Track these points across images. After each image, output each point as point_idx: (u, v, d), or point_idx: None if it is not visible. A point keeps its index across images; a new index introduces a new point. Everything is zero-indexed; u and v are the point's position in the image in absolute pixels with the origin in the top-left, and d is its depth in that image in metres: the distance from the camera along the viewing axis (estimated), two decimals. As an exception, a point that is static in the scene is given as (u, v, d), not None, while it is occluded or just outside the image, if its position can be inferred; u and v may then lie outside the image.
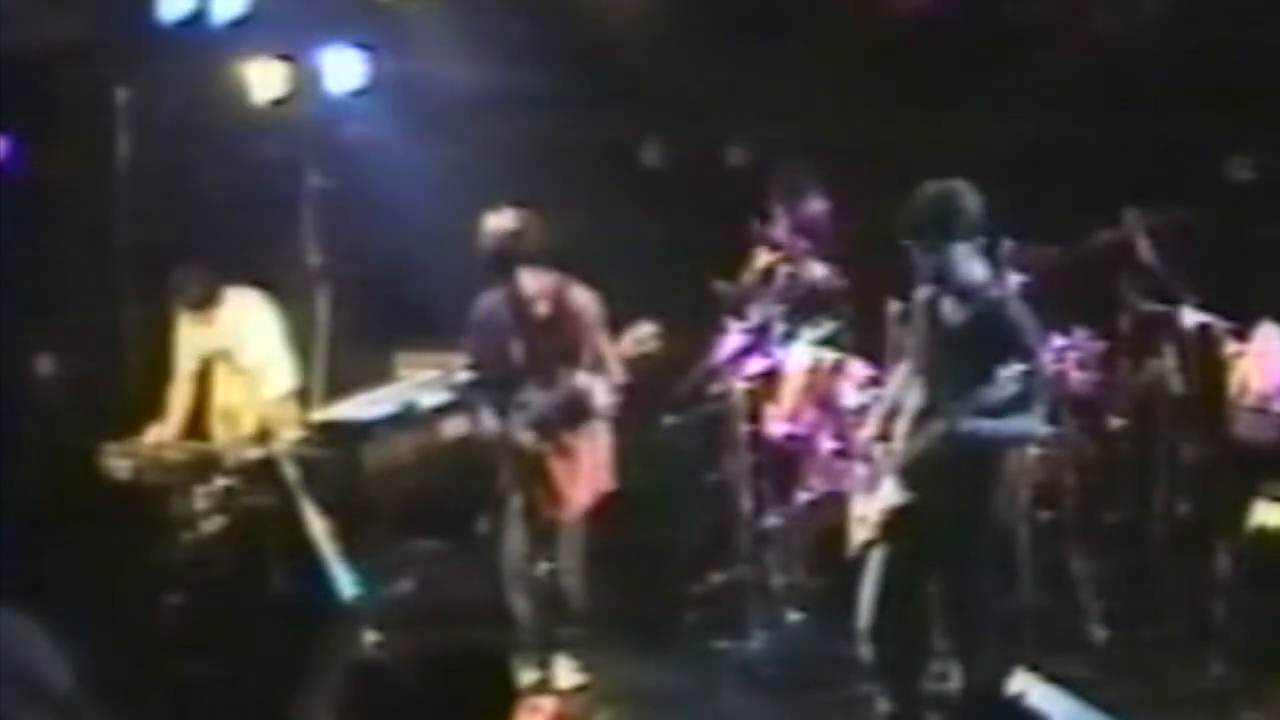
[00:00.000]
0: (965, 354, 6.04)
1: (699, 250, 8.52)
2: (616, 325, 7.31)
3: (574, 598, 7.44)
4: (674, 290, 7.94)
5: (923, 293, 6.24)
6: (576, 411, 7.25)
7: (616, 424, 7.45)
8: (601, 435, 7.40)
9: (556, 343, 7.27)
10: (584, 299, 7.32)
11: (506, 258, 7.19)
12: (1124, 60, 8.63)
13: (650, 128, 9.71)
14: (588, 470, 7.36)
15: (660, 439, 8.18)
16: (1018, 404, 5.96)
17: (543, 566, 7.38)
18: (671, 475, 8.50)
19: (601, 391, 7.23)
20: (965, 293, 6.14)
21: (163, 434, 8.07)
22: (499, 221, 7.19)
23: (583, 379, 7.20)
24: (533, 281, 7.26)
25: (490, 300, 7.42)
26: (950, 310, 6.18)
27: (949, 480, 6.04)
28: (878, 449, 6.32)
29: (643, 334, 7.22)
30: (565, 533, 7.39)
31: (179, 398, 8.18)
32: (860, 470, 6.41)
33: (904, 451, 6.17)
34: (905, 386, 6.33)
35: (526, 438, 7.25)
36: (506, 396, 7.31)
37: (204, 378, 8.21)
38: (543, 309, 7.32)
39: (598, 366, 7.24)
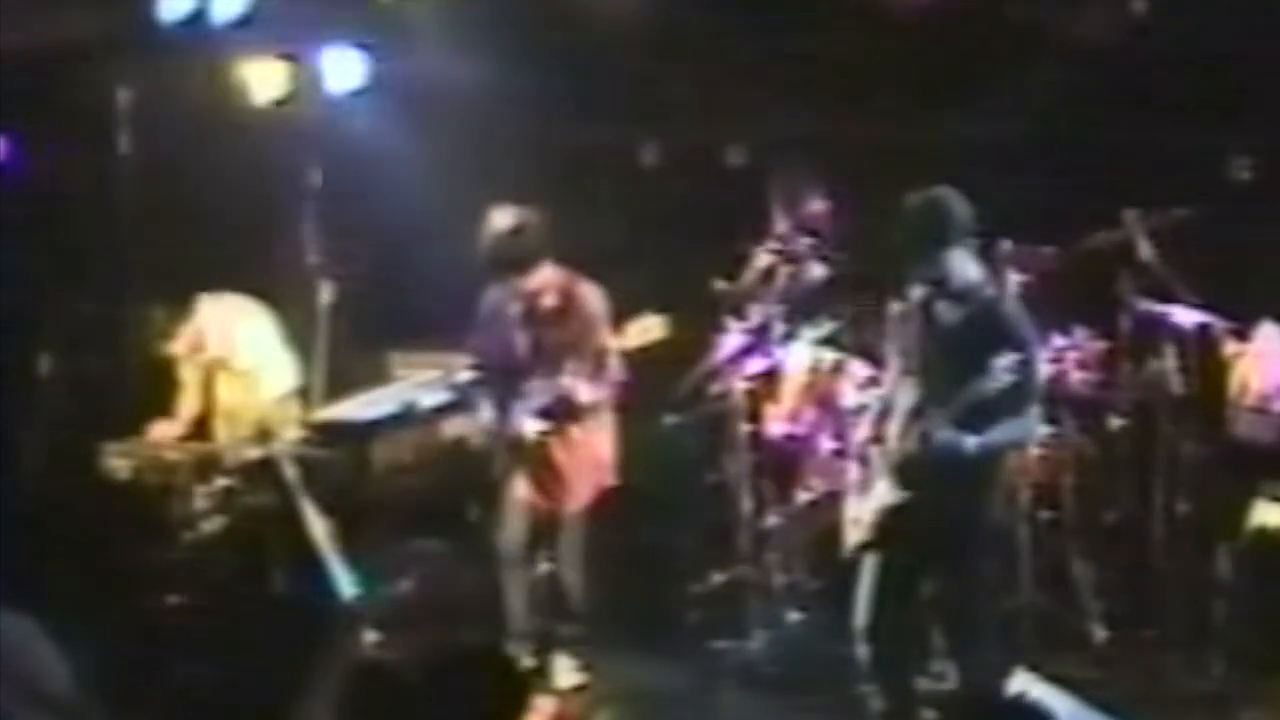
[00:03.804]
0: (961, 353, 6.05)
1: (699, 250, 8.52)
2: (617, 325, 7.31)
3: (574, 595, 7.44)
4: (674, 290, 7.93)
5: (917, 294, 6.25)
6: (572, 406, 7.26)
7: (620, 420, 7.45)
8: (603, 430, 7.41)
9: (562, 337, 7.28)
10: (591, 294, 7.33)
11: (507, 257, 7.20)
12: (1124, 60, 8.63)
13: (650, 128, 9.71)
14: (589, 464, 7.36)
15: (661, 438, 8.19)
16: (1011, 402, 5.97)
17: (543, 566, 7.39)
18: (671, 475, 8.50)
19: (593, 388, 7.24)
20: (961, 294, 6.16)
21: (169, 432, 8.05)
22: (500, 220, 7.19)
23: (573, 374, 7.21)
24: (539, 276, 7.26)
25: (497, 294, 7.43)
26: (945, 311, 6.19)
27: (942, 479, 6.04)
28: (872, 450, 6.33)
29: (648, 324, 7.21)
30: (566, 529, 7.39)
31: (186, 401, 8.16)
32: (854, 471, 6.42)
33: (897, 451, 6.18)
34: (898, 387, 6.34)
35: (528, 428, 7.26)
36: (510, 390, 7.31)
37: (206, 383, 8.19)
38: (550, 302, 7.33)
39: (600, 362, 7.25)
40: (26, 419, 8.65)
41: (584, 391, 7.22)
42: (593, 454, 7.38)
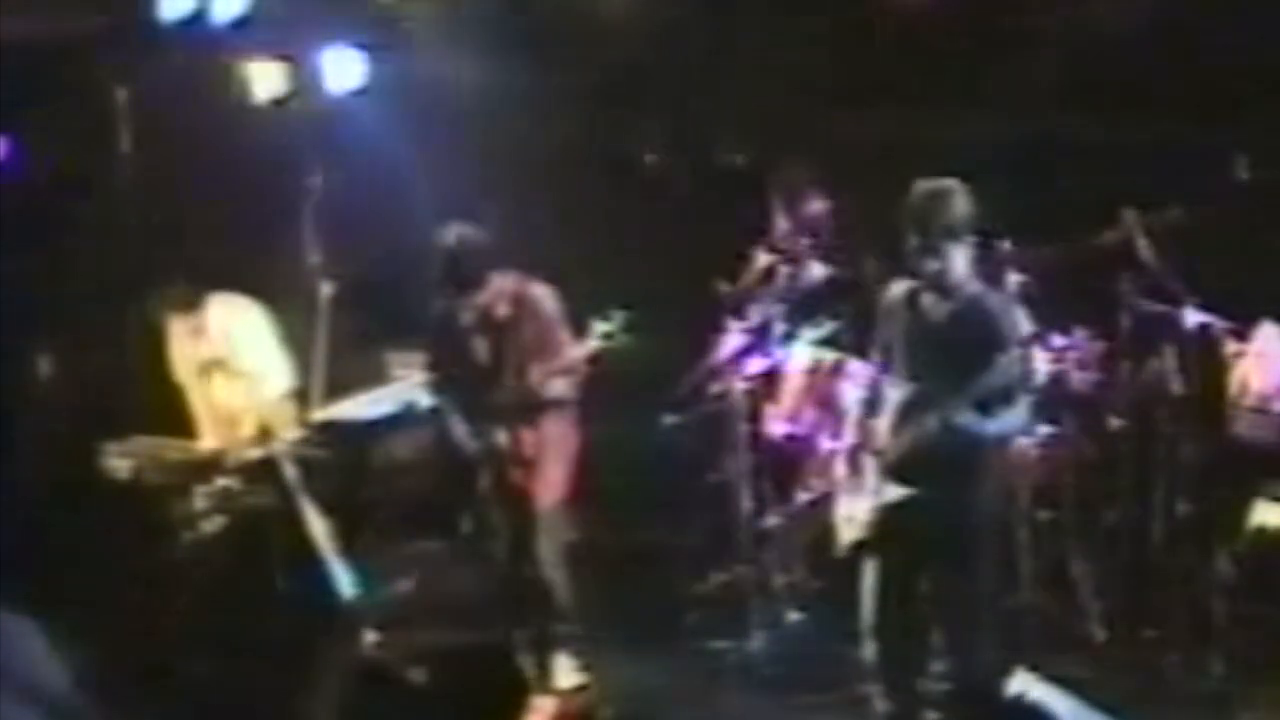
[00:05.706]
0: (949, 348, 6.06)
1: (699, 250, 8.52)
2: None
3: (559, 592, 7.45)
4: (674, 290, 7.93)
5: (900, 287, 6.25)
6: (540, 404, 7.31)
7: (582, 411, 7.47)
8: (571, 425, 7.45)
9: (521, 341, 7.33)
10: (541, 294, 7.41)
11: (455, 276, 7.29)
12: (1124, 60, 8.63)
13: (650, 128, 9.71)
14: (560, 459, 7.42)
15: (660, 439, 8.19)
16: (1003, 396, 5.98)
17: (531, 567, 7.40)
18: (671, 475, 8.50)
19: (558, 384, 7.28)
20: (951, 288, 6.16)
21: (202, 446, 8.02)
22: (445, 240, 7.28)
23: (537, 371, 7.25)
24: (488, 290, 7.33)
25: (446, 302, 7.47)
26: (931, 305, 6.19)
27: (938, 475, 6.04)
28: (863, 448, 6.33)
29: (610, 326, 7.24)
30: (545, 525, 7.42)
31: (198, 404, 8.13)
32: (844, 469, 6.42)
33: (891, 448, 6.17)
34: (887, 382, 6.33)
35: (500, 438, 7.30)
36: (476, 399, 7.35)
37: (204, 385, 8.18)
38: (503, 311, 7.37)
39: (560, 359, 7.29)
40: (26, 419, 8.65)
41: (550, 389, 7.28)
42: (563, 449, 7.43)
